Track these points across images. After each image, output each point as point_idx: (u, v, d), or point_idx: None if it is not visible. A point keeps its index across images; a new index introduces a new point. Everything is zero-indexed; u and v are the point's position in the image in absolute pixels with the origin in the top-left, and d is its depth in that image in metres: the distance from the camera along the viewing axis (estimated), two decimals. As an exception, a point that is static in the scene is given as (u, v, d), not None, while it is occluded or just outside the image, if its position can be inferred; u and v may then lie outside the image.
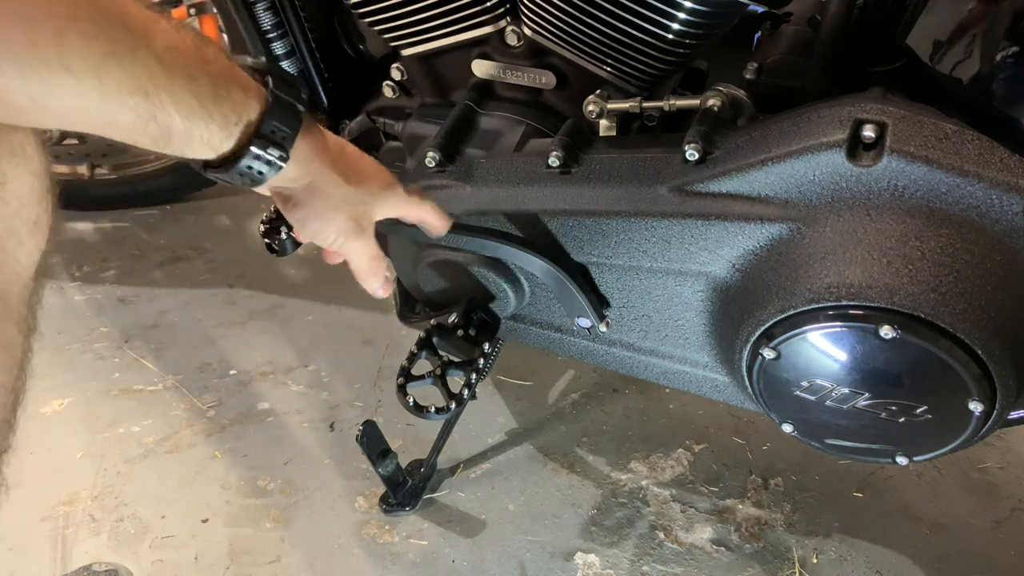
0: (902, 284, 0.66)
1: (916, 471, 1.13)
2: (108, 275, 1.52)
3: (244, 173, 0.56)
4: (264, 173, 0.57)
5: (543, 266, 0.84)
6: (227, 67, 0.53)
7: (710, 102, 0.80)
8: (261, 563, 1.03)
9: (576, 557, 1.03)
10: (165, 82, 0.48)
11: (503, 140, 0.91)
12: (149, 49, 0.47)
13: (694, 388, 0.92)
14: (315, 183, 0.62)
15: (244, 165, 0.55)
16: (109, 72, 0.45)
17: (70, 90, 0.44)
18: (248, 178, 0.57)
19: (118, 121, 0.48)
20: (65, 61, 0.43)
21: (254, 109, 0.55)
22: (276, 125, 0.56)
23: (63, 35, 0.42)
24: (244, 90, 0.54)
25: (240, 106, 0.54)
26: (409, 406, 0.87)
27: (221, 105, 0.52)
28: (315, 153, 0.61)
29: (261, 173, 0.56)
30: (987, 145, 0.66)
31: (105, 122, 0.47)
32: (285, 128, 0.56)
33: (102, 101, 0.46)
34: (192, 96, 0.50)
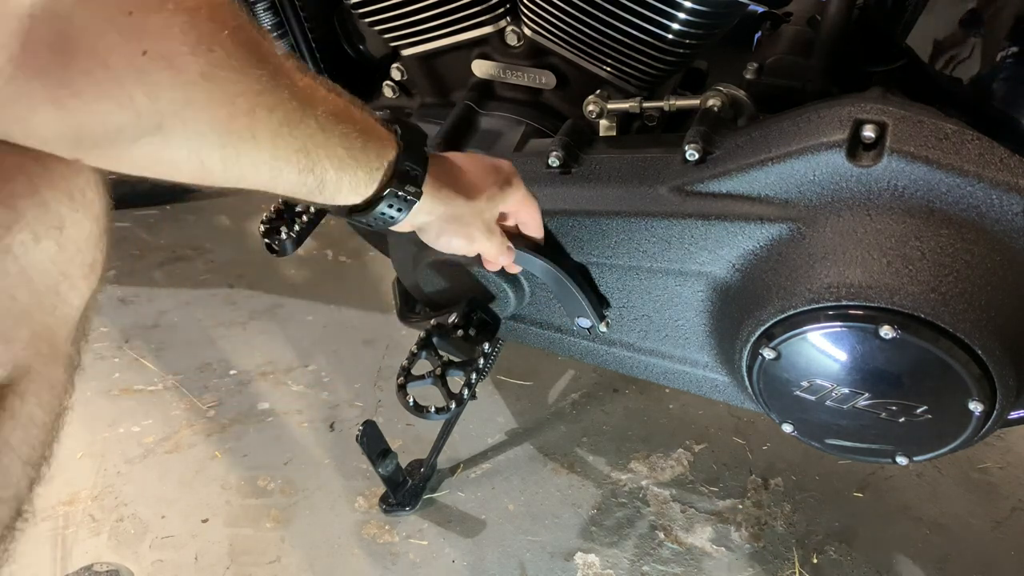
0: (902, 284, 0.66)
1: (916, 471, 1.13)
2: (108, 275, 1.51)
3: (385, 212, 0.63)
4: (403, 210, 0.64)
5: (543, 266, 0.84)
6: (369, 121, 0.60)
7: (710, 102, 0.80)
8: (261, 563, 1.03)
9: (576, 557, 1.03)
10: (323, 140, 0.55)
11: (503, 140, 0.91)
12: (313, 114, 0.53)
13: (694, 388, 0.92)
14: (447, 211, 0.68)
15: (386, 204, 0.63)
16: (282, 138, 0.52)
17: (252, 155, 0.51)
18: (388, 216, 0.64)
19: (284, 176, 0.54)
20: (252, 131, 0.49)
21: (391, 154, 0.62)
22: (409, 165, 0.63)
23: (254, 110, 0.49)
24: (382, 140, 0.61)
25: (381, 153, 0.61)
26: (409, 406, 0.87)
27: (367, 154, 0.59)
28: (442, 184, 0.67)
29: (400, 210, 0.64)
30: (987, 145, 0.66)
31: (273, 179, 0.54)
32: (417, 167, 0.63)
33: (273, 161, 0.52)
34: (344, 150, 0.57)
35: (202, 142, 0.48)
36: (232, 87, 0.47)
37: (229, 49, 0.46)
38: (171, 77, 0.44)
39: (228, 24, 0.46)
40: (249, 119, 0.49)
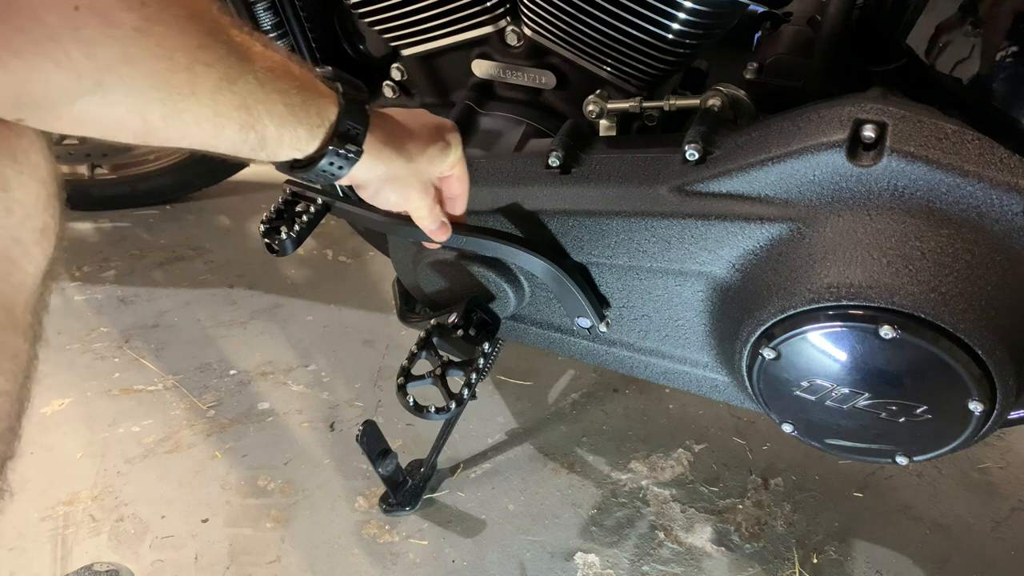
0: (902, 284, 0.66)
1: (916, 471, 1.13)
2: (108, 275, 1.52)
3: (326, 169, 0.63)
4: (343, 168, 0.64)
5: (543, 266, 0.84)
6: (309, 78, 0.60)
7: (710, 102, 0.80)
8: (261, 563, 1.03)
9: (576, 557, 1.03)
10: (263, 97, 0.55)
11: (503, 140, 0.91)
12: (251, 70, 0.54)
13: (694, 388, 0.92)
14: (388, 170, 0.69)
15: (327, 162, 0.63)
16: (222, 93, 0.52)
17: (194, 111, 0.51)
18: (329, 174, 0.64)
19: (225, 134, 0.54)
20: (193, 87, 0.50)
21: (332, 112, 0.62)
22: (350, 124, 0.63)
23: (192, 66, 0.49)
24: (324, 96, 0.61)
25: (322, 110, 0.61)
26: (409, 406, 0.87)
27: (308, 112, 0.59)
28: (384, 143, 0.67)
29: (341, 168, 0.64)
30: (987, 145, 0.66)
31: (215, 135, 0.54)
32: (358, 126, 0.64)
33: (215, 118, 0.53)
34: (284, 107, 0.57)
35: (142, 98, 0.48)
36: (169, 42, 0.47)
37: (162, 2, 0.46)
38: (106, 32, 0.44)
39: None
40: (189, 74, 0.49)
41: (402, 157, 0.70)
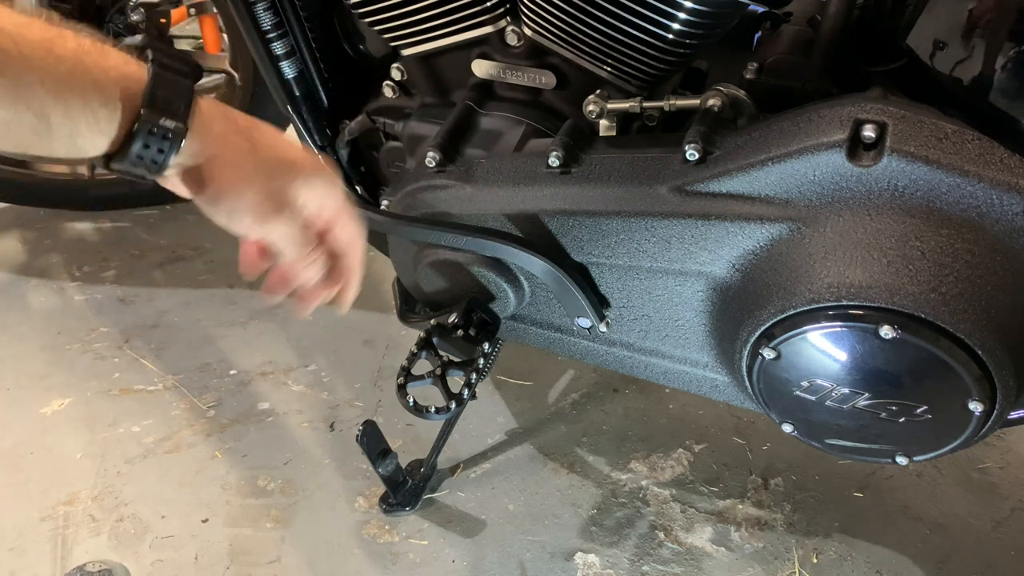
0: (902, 284, 0.66)
1: (916, 471, 1.13)
2: (108, 275, 1.52)
3: (143, 155, 0.53)
4: (165, 151, 0.53)
5: (543, 266, 0.84)
6: (93, 46, 0.51)
7: (710, 102, 0.80)
8: (261, 563, 1.03)
9: (576, 557, 1.03)
10: (16, 59, 0.47)
11: (503, 140, 0.91)
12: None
13: (694, 388, 0.92)
14: (221, 154, 0.57)
15: (140, 144, 0.52)
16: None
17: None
18: (149, 160, 0.53)
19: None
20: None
21: (136, 79, 0.52)
22: (164, 94, 0.52)
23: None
24: (123, 62, 0.52)
25: (122, 80, 0.51)
26: (409, 406, 0.87)
27: (98, 83, 0.50)
28: (214, 120, 0.56)
29: (162, 151, 0.53)
30: (987, 145, 0.66)
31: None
32: (176, 95, 0.53)
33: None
34: (61, 73, 0.48)
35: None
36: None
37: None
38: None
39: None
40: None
41: (241, 140, 0.58)
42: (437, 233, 0.87)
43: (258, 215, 0.58)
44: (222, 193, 0.57)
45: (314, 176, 0.61)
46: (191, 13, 1.73)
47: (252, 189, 0.58)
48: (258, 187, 0.58)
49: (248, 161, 0.58)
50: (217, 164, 0.56)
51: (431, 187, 0.89)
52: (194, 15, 1.78)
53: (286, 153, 0.60)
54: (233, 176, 0.57)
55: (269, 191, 0.58)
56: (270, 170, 0.59)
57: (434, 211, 0.89)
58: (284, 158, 0.60)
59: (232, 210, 0.58)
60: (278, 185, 0.59)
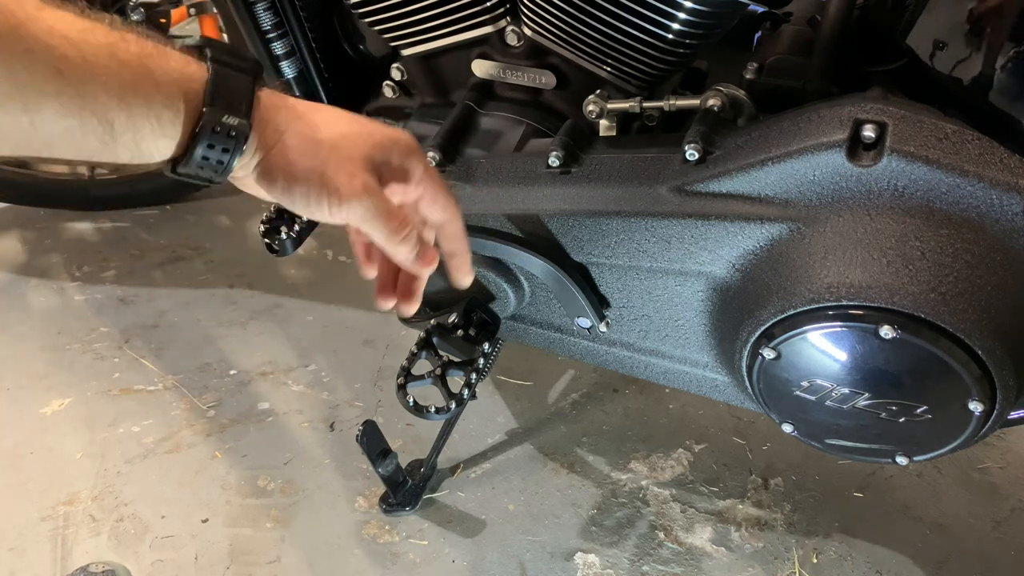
0: (902, 284, 0.66)
1: (916, 471, 1.13)
2: (108, 275, 1.52)
3: (208, 156, 0.51)
4: (230, 149, 0.52)
5: (543, 266, 0.84)
6: (152, 47, 0.50)
7: (710, 102, 0.80)
8: (261, 563, 1.03)
9: (576, 557, 1.03)
10: (80, 65, 0.46)
11: (503, 140, 0.91)
12: (40, 40, 0.44)
13: (694, 388, 0.92)
14: (285, 143, 0.55)
15: (204, 145, 0.51)
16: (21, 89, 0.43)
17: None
18: (215, 162, 0.52)
19: (48, 129, 0.45)
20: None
21: (197, 79, 0.51)
22: (225, 92, 0.51)
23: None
24: (184, 63, 0.51)
25: (182, 81, 0.50)
26: (409, 406, 0.87)
27: (159, 85, 0.49)
28: (276, 111, 0.55)
29: (227, 150, 0.52)
30: (987, 145, 0.66)
31: (47, 140, 0.46)
32: (237, 92, 0.52)
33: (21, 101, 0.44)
34: (124, 78, 0.48)
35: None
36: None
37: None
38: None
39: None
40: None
41: (314, 136, 0.56)
42: (437, 233, 0.87)
43: (333, 196, 0.55)
44: (293, 181, 0.55)
45: (387, 144, 0.59)
46: (191, 13, 1.73)
47: (320, 170, 0.55)
48: (326, 167, 0.56)
49: (310, 143, 0.56)
50: (282, 153, 0.55)
51: (431, 187, 0.88)
52: (194, 15, 1.77)
53: (352, 127, 0.58)
54: (300, 161, 0.55)
55: (338, 168, 0.56)
56: (336, 147, 0.56)
57: (434, 211, 0.89)
58: (349, 132, 0.57)
59: (307, 197, 0.56)
60: (346, 159, 0.56)
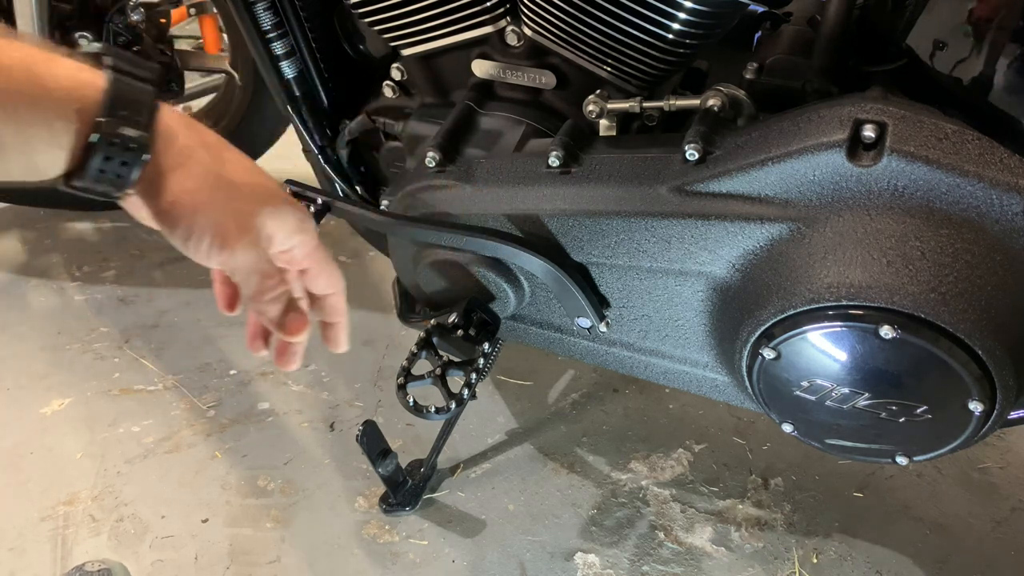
0: (902, 284, 0.66)
1: (916, 471, 1.13)
2: (108, 275, 1.52)
3: (105, 169, 0.48)
4: (129, 163, 0.49)
5: (543, 266, 0.84)
6: (43, 52, 0.47)
7: (710, 102, 0.80)
8: (261, 563, 1.03)
9: (576, 557, 1.03)
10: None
11: (503, 140, 0.91)
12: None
13: (694, 388, 0.92)
14: (185, 167, 0.52)
15: (101, 157, 0.48)
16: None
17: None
18: (113, 173, 0.49)
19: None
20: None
21: (93, 87, 0.48)
22: (124, 102, 0.48)
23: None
24: (76, 69, 0.48)
25: (75, 86, 0.47)
26: (409, 406, 0.87)
27: (50, 88, 0.46)
28: (179, 131, 0.52)
29: (125, 163, 0.49)
30: (987, 145, 0.66)
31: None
32: (136, 105, 0.49)
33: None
34: (9, 86, 0.45)
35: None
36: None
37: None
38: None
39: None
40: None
41: (207, 155, 0.53)
42: (437, 233, 0.87)
43: (218, 238, 0.52)
44: (181, 210, 0.52)
45: (285, 209, 0.56)
46: (191, 13, 1.73)
47: (214, 208, 0.52)
48: (221, 207, 0.53)
49: (212, 177, 0.53)
50: (178, 178, 0.51)
51: (431, 187, 0.89)
52: (194, 15, 1.78)
53: (257, 179, 0.56)
54: (195, 191, 0.52)
55: (233, 213, 0.53)
56: (236, 191, 0.54)
57: (434, 211, 0.89)
58: (254, 182, 0.55)
59: (190, 231, 0.52)
60: (244, 208, 0.54)
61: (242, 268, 0.55)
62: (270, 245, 0.56)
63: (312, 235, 0.59)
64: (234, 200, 0.53)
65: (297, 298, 0.61)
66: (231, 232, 0.53)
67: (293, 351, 0.63)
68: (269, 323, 0.60)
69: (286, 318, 0.59)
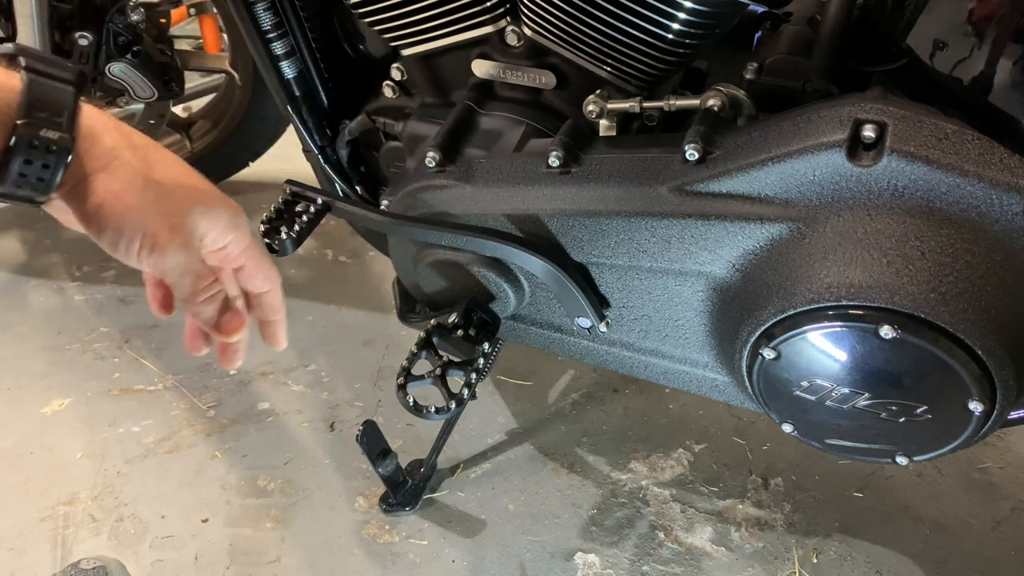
0: (902, 284, 0.66)
1: (916, 471, 1.13)
2: (108, 275, 1.52)
3: (26, 173, 0.47)
4: (51, 166, 0.47)
5: (543, 266, 0.84)
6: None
7: (710, 102, 0.80)
8: (261, 563, 1.03)
9: (576, 557, 1.03)
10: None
11: (503, 140, 0.91)
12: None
13: (694, 388, 0.92)
14: (111, 169, 0.50)
15: (21, 160, 0.46)
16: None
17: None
18: (35, 177, 0.47)
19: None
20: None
21: (8, 89, 0.46)
22: (43, 103, 0.47)
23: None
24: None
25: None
26: (409, 406, 0.87)
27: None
28: (104, 131, 0.50)
29: (47, 166, 0.47)
30: (987, 145, 0.66)
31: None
32: (56, 107, 0.47)
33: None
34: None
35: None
36: None
37: None
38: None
39: None
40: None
41: (134, 156, 0.51)
42: (437, 233, 0.87)
43: (148, 240, 0.51)
44: (108, 213, 0.50)
45: (217, 207, 0.55)
46: (191, 13, 1.73)
47: (143, 211, 0.51)
48: (150, 209, 0.51)
49: (140, 179, 0.51)
50: (104, 180, 0.50)
51: (431, 187, 0.89)
52: (194, 15, 1.78)
53: (187, 179, 0.55)
54: (122, 193, 0.50)
55: (163, 214, 0.52)
56: (165, 193, 0.53)
57: (434, 211, 0.89)
58: (183, 183, 0.54)
59: (119, 233, 0.51)
60: (174, 209, 0.53)
61: (174, 270, 0.54)
62: (203, 244, 0.55)
63: (245, 232, 0.57)
64: (163, 201, 0.52)
65: (234, 296, 0.60)
66: (161, 234, 0.52)
67: (234, 350, 0.61)
68: (204, 324, 0.59)
69: (222, 319, 0.58)
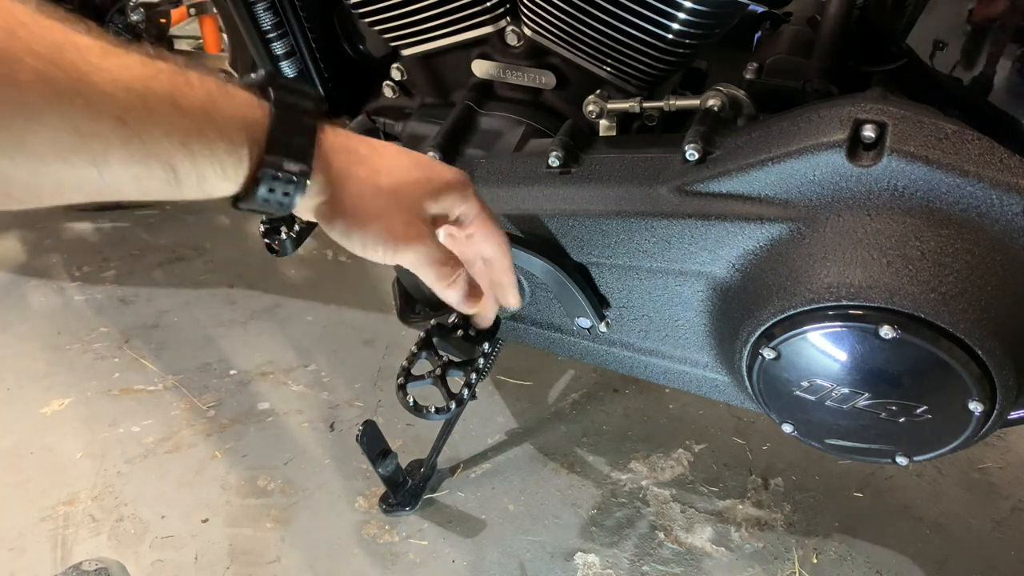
0: (902, 284, 0.66)
1: (916, 471, 1.13)
2: (108, 275, 1.52)
3: (268, 198, 0.53)
4: (291, 193, 0.53)
5: (543, 266, 0.84)
6: (219, 88, 0.50)
7: (710, 102, 0.80)
8: (261, 563, 1.03)
9: (576, 557, 1.03)
10: (143, 114, 0.45)
11: (503, 140, 0.91)
12: (101, 90, 0.43)
13: (694, 388, 0.92)
14: (346, 187, 0.57)
15: (264, 188, 0.52)
16: (52, 121, 0.42)
17: (54, 167, 0.42)
18: (276, 203, 0.53)
19: (119, 178, 0.46)
20: (23, 140, 0.41)
21: (260, 124, 0.51)
22: (287, 137, 0.52)
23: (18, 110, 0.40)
24: (246, 105, 0.51)
25: (244, 123, 0.51)
26: (409, 406, 0.87)
27: (219, 128, 0.49)
28: (336, 154, 0.56)
29: (287, 195, 0.53)
30: (987, 145, 0.66)
31: (113, 184, 0.46)
32: (299, 136, 0.53)
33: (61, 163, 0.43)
34: (187, 126, 0.48)
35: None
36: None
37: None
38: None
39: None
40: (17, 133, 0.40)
41: (375, 181, 0.58)
42: (437, 233, 0.87)
43: (388, 243, 0.58)
44: (353, 226, 0.58)
45: (443, 190, 0.62)
46: (191, 13, 1.73)
47: (378, 218, 0.58)
48: (385, 216, 0.58)
49: (371, 190, 0.58)
50: (342, 198, 0.57)
51: (431, 187, 0.88)
52: (194, 15, 1.78)
53: (409, 174, 0.61)
54: (361, 207, 0.57)
55: (396, 216, 0.59)
56: (395, 196, 0.59)
57: (434, 211, 0.89)
58: (407, 180, 0.60)
59: (364, 240, 0.58)
60: (405, 207, 0.60)
61: (419, 262, 0.61)
62: (437, 224, 0.62)
63: (472, 203, 0.64)
64: (394, 204, 0.59)
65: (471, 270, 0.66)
66: (398, 235, 0.58)
67: (483, 316, 0.71)
68: (455, 304, 0.65)
69: (466, 300, 0.65)
